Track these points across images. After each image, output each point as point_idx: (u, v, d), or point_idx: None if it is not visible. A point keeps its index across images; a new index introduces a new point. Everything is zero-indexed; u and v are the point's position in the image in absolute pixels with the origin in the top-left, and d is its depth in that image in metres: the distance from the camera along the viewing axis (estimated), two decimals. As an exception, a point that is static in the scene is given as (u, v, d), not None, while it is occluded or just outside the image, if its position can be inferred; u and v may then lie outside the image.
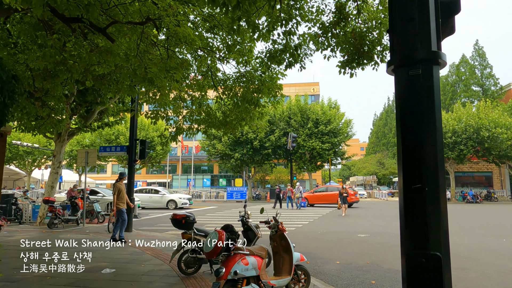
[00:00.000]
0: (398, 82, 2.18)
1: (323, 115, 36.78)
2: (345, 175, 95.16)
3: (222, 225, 6.92)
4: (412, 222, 2.05)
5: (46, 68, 8.19)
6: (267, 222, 5.11)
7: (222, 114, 6.99)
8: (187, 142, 57.21)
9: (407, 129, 2.11)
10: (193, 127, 6.80)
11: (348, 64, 6.08)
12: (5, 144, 4.98)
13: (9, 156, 44.38)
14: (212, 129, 7.15)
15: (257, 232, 6.07)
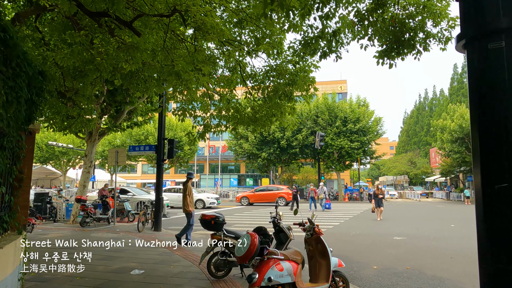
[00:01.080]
0: (474, 58, 1.79)
1: (352, 113, 35.80)
2: (374, 174, 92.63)
3: (251, 225, 6.63)
4: (495, 230, 1.66)
5: (76, 67, 8.25)
6: (301, 224, 4.77)
7: (252, 110, 6.71)
8: (214, 142, 57.62)
9: (488, 115, 1.71)
10: (222, 125, 6.56)
11: (386, 54, 5.61)
12: (33, 142, 4.93)
13: (46, 157, 46.48)
14: (241, 126, 6.86)
15: (289, 234, 5.73)
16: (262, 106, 6.50)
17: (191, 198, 8.92)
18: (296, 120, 7.16)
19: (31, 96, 4.47)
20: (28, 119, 4.67)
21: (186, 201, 8.78)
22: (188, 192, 8.81)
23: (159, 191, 12.14)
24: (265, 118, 6.55)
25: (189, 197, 8.83)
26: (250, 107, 6.78)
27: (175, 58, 4.80)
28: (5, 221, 4.22)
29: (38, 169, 46.50)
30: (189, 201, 8.83)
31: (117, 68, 8.81)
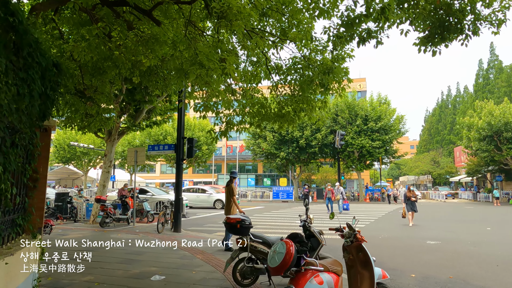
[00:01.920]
0: None
1: (373, 111, 34.83)
2: (394, 174, 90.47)
3: (273, 227, 6.19)
4: None
5: (94, 63, 8.01)
6: (338, 229, 4.29)
7: (278, 105, 6.25)
8: (232, 142, 57.49)
9: None
10: (245, 121, 6.14)
11: (430, 40, 5.06)
12: (49, 139, 4.63)
13: (68, 157, 47.39)
14: (266, 122, 6.39)
15: (321, 239, 5.26)
16: (290, 100, 6.02)
17: (235, 201, 8.21)
18: (326, 115, 6.64)
19: (45, 90, 4.16)
20: (42, 115, 4.37)
21: (229, 204, 8.10)
22: (232, 193, 8.16)
23: (178, 191, 11.85)
24: (292, 114, 6.09)
25: (233, 200, 8.13)
26: (276, 102, 6.31)
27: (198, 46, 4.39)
28: (18, 224, 3.92)
29: (60, 169, 47.51)
30: (233, 204, 8.12)
31: (135, 64, 8.57)
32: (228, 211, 8.05)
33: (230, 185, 8.21)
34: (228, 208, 8.10)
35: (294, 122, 6.36)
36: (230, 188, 8.16)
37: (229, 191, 8.16)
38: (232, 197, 8.10)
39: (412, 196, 14.09)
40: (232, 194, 8.12)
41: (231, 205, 8.06)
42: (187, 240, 9.36)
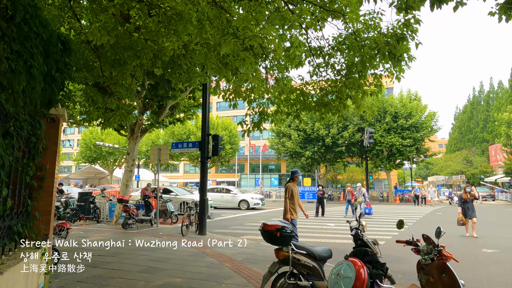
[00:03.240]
0: None
1: (403, 108, 33.14)
2: (422, 174, 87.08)
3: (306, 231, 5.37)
4: None
5: (114, 53, 7.41)
6: (410, 242, 3.39)
7: (320, 92, 5.39)
8: (255, 141, 56.81)
9: None
10: (282, 110, 5.31)
11: None
12: (58, 131, 3.96)
13: (94, 157, 48.14)
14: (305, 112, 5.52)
15: (376, 250, 4.35)
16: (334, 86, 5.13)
17: (295, 203, 7.19)
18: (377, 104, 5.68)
19: (50, 70, 3.47)
20: (48, 101, 3.69)
21: (286, 206, 7.16)
22: (288, 195, 7.18)
23: (203, 191, 11.17)
24: (337, 102, 5.21)
25: (291, 201, 7.16)
26: (318, 88, 5.44)
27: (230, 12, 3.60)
28: (17, 232, 3.24)
29: (87, 168, 48.28)
30: (290, 207, 7.13)
31: (157, 54, 7.92)
32: (284, 214, 7.20)
33: (288, 185, 7.30)
34: (285, 212, 7.20)
35: (340, 111, 5.46)
36: (287, 188, 7.27)
37: (285, 191, 7.30)
38: (286, 198, 7.21)
39: (468, 198, 11.17)
40: (287, 194, 7.20)
41: (287, 207, 7.16)
42: (213, 245, 8.65)
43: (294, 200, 7.17)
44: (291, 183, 7.32)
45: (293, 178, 7.38)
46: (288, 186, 7.28)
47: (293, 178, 7.38)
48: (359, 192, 17.27)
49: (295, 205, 7.21)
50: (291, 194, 7.18)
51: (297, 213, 7.24)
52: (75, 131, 73.94)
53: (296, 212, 7.19)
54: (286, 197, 7.18)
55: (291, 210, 7.10)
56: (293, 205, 7.17)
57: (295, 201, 7.19)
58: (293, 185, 7.30)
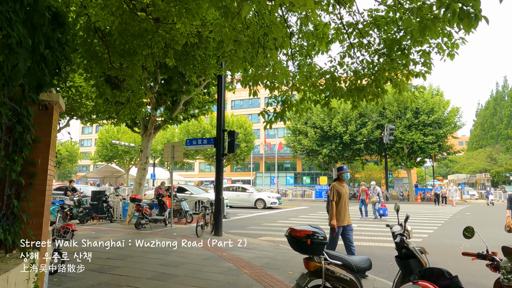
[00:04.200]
0: None
1: (425, 103, 31.82)
2: (442, 173, 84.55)
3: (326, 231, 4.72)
4: None
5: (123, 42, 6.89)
6: (484, 256, 2.69)
7: (354, 75, 4.69)
8: (270, 139, 56.18)
9: None
10: (309, 98, 4.65)
11: None
12: (51, 121, 3.42)
13: (110, 155, 48.46)
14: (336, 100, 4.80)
15: (424, 260, 3.67)
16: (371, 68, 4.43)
17: (340, 204, 6.01)
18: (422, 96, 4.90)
19: (38, 46, 2.91)
20: (38, 84, 3.14)
21: (332, 210, 5.99)
22: (334, 197, 6.02)
23: (219, 190, 10.60)
24: (373, 86, 4.50)
25: (337, 205, 6.01)
26: (350, 71, 4.74)
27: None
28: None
29: (104, 167, 48.65)
30: (337, 211, 5.98)
31: (169, 43, 7.38)
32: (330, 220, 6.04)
33: (334, 184, 6.16)
34: (330, 217, 6.08)
35: (378, 96, 4.74)
36: (332, 187, 6.13)
37: (330, 190, 6.16)
38: (331, 200, 6.04)
39: None
40: (332, 195, 6.06)
41: (332, 211, 6.02)
42: (230, 248, 8.06)
43: (341, 203, 6.02)
44: (337, 183, 6.18)
45: (339, 176, 6.22)
46: (333, 186, 6.13)
47: (339, 176, 6.23)
48: (373, 192, 15.99)
49: (344, 208, 6.03)
50: (337, 196, 6.02)
51: (348, 218, 6.10)
52: (92, 130, 74.94)
53: (345, 217, 6.05)
54: (332, 200, 6.02)
55: (335, 214, 5.97)
56: (341, 208, 6.00)
57: (343, 204, 6.03)
58: (339, 184, 6.14)
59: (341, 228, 6.04)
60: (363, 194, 16.11)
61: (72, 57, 7.92)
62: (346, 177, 6.15)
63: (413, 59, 4.22)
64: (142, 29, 6.93)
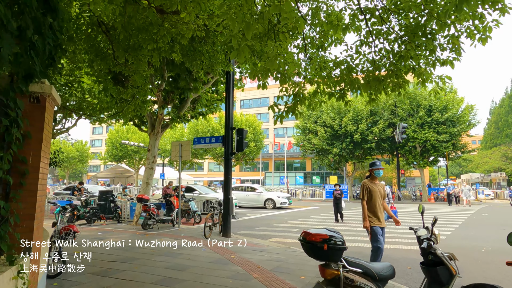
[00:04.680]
0: None
1: (438, 101, 31.05)
2: (454, 172, 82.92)
3: (344, 234, 4.43)
4: None
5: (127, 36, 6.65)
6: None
7: (372, 65, 4.31)
8: (279, 139, 55.81)
9: None
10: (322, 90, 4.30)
11: None
12: (43, 115, 3.15)
13: (120, 155, 48.67)
14: (350, 93, 4.42)
15: (454, 268, 3.30)
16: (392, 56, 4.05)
17: (373, 204, 5.41)
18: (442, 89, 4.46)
19: (24, 30, 2.64)
20: (27, 73, 2.87)
21: (364, 211, 5.40)
22: (365, 195, 5.47)
23: (227, 190, 10.31)
24: (394, 77, 4.11)
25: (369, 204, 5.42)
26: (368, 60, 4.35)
27: None
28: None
29: (114, 167, 48.87)
30: (369, 211, 5.41)
31: (175, 38, 7.11)
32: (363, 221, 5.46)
33: (363, 182, 5.57)
34: (363, 217, 5.45)
35: (401, 87, 4.35)
36: (364, 185, 5.52)
37: (362, 189, 5.53)
38: (362, 199, 5.48)
39: None
40: (362, 194, 5.50)
41: (365, 214, 5.40)
42: (239, 250, 7.76)
43: (374, 202, 5.41)
44: (368, 180, 5.57)
45: (371, 173, 5.57)
46: (364, 184, 5.53)
47: (371, 172, 5.57)
48: None
49: (378, 208, 5.41)
50: (369, 194, 5.44)
51: (382, 219, 5.41)
52: (103, 130, 75.50)
53: (379, 218, 5.39)
54: (362, 199, 5.46)
55: (368, 215, 5.40)
56: (375, 208, 5.39)
57: (376, 203, 5.41)
58: (371, 182, 5.52)
59: (379, 228, 5.34)
60: None
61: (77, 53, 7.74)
62: (378, 174, 5.48)
63: (440, 44, 3.82)
64: (147, 22, 6.68)
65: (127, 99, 7.51)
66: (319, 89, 4.44)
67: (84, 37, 6.73)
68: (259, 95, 63.04)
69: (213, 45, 8.70)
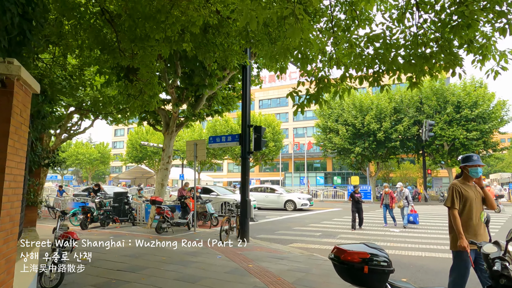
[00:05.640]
0: None
1: (467, 96, 29.40)
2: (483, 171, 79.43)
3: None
4: None
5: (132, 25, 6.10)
6: None
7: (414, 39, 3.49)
8: (299, 139, 54.87)
9: None
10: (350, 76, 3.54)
11: None
12: (10, 102, 2.56)
13: (140, 156, 49.03)
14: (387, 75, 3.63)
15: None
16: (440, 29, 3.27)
17: (466, 215, 3.80)
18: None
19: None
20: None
21: (457, 225, 3.71)
22: (457, 203, 3.82)
23: (245, 191, 9.65)
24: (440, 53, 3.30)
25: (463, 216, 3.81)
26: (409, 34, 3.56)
27: None
28: None
29: (134, 168, 49.27)
30: (464, 225, 3.74)
31: (186, 26, 6.51)
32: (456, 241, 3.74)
33: (452, 183, 3.95)
34: (458, 234, 3.70)
35: (456, 64, 3.52)
36: (451, 188, 3.91)
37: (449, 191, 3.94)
38: (451, 209, 3.83)
39: None
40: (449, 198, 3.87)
41: (458, 229, 3.71)
42: (257, 258, 7.08)
43: (469, 213, 3.81)
44: (459, 181, 3.96)
45: (463, 171, 3.97)
46: (453, 186, 3.90)
47: (463, 170, 3.96)
48: (400, 194, 12.98)
49: (471, 222, 3.78)
50: (462, 201, 3.85)
51: (480, 236, 3.76)
52: (124, 132, 76.57)
53: (476, 234, 3.75)
54: (451, 207, 3.83)
55: (461, 232, 3.69)
56: (467, 222, 3.78)
57: (472, 215, 3.79)
58: (464, 184, 3.91)
59: (473, 254, 3.68)
60: (386, 198, 13.01)
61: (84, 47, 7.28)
62: (475, 174, 3.85)
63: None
64: (154, 9, 6.12)
65: (134, 95, 7.00)
66: (347, 71, 3.69)
67: (86, 26, 6.23)
68: (278, 94, 62.23)
69: (227, 36, 8.08)
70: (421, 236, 10.64)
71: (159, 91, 7.06)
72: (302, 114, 3.66)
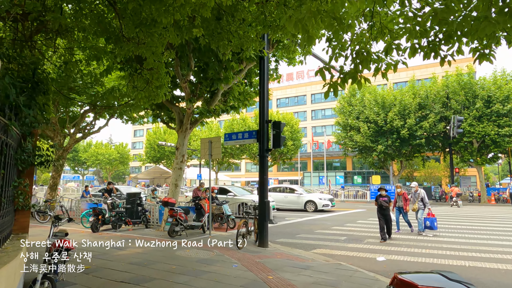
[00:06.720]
0: None
1: (498, 90, 27.61)
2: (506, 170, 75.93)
3: None
4: None
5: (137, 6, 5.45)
6: None
7: None
8: (318, 137, 53.69)
9: None
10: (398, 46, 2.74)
11: None
12: None
13: (158, 156, 49.08)
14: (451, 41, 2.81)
15: None
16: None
17: None
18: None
19: None
20: None
21: None
22: None
23: (263, 192, 8.90)
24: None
25: None
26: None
27: None
28: None
29: (153, 168, 49.33)
30: None
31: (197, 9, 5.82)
32: None
33: None
34: None
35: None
36: None
37: None
38: None
39: None
40: None
41: None
42: (278, 267, 6.32)
43: None
44: None
45: None
46: None
47: None
48: (415, 196, 11.37)
49: None
50: None
51: None
52: (143, 133, 77.22)
53: None
54: None
55: None
56: None
57: None
58: None
59: None
60: (400, 200, 11.34)
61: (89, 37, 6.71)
62: None
63: None
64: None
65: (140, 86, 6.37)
66: (392, 42, 2.87)
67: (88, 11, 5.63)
68: (296, 93, 61.17)
69: (242, 22, 7.35)
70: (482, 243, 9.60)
71: (167, 82, 6.41)
72: (335, 96, 2.91)
